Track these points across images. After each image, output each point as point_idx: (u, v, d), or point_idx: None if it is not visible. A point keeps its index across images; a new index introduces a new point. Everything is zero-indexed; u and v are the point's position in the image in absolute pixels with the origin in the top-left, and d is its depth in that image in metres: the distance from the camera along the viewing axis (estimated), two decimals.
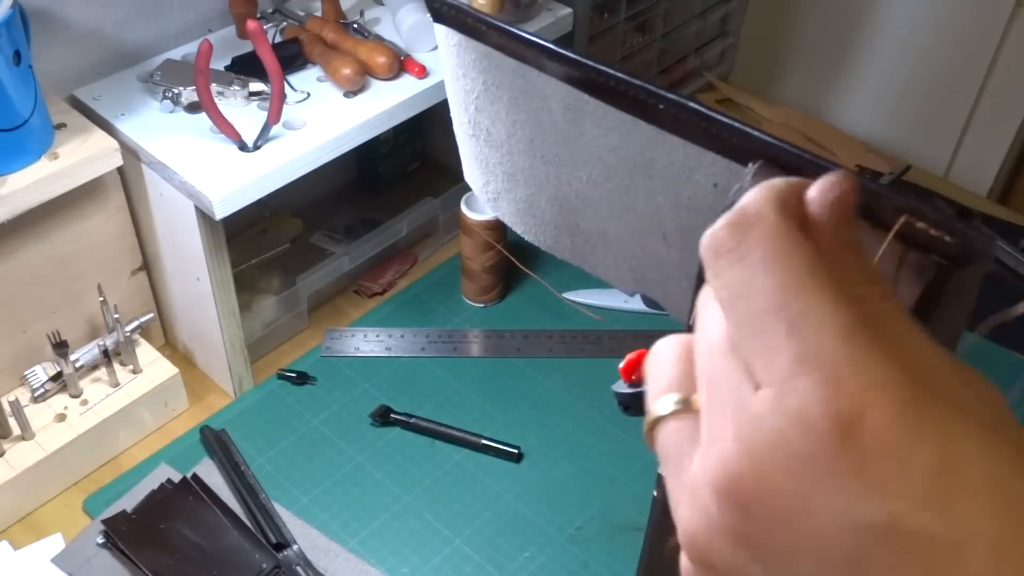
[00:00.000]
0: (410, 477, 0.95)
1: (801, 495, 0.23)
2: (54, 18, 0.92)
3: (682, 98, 0.39)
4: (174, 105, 0.94)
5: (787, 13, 1.44)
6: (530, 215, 0.51)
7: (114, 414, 0.94)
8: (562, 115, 0.44)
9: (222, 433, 0.97)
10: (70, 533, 0.88)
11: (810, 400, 0.23)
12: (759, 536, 0.24)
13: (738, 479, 0.24)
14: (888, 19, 1.33)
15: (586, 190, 0.46)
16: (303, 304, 1.09)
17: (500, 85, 0.46)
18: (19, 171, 0.84)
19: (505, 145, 0.49)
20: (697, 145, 0.39)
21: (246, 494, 0.91)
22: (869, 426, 0.23)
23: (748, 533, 0.25)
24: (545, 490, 0.94)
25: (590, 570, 0.87)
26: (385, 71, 0.98)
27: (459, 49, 0.47)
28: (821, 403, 0.23)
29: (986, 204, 1.31)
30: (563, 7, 1.12)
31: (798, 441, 0.23)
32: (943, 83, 1.31)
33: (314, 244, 1.16)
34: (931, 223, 0.31)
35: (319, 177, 0.95)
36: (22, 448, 0.90)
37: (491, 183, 0.52)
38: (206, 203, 0.85)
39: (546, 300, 1.13)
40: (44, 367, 0.95)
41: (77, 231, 0.93)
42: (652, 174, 0.42)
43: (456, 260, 1.14)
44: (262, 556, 0.85)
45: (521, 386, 1.04)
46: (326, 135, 0.92)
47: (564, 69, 0.42)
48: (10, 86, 0.80)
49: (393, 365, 1.06)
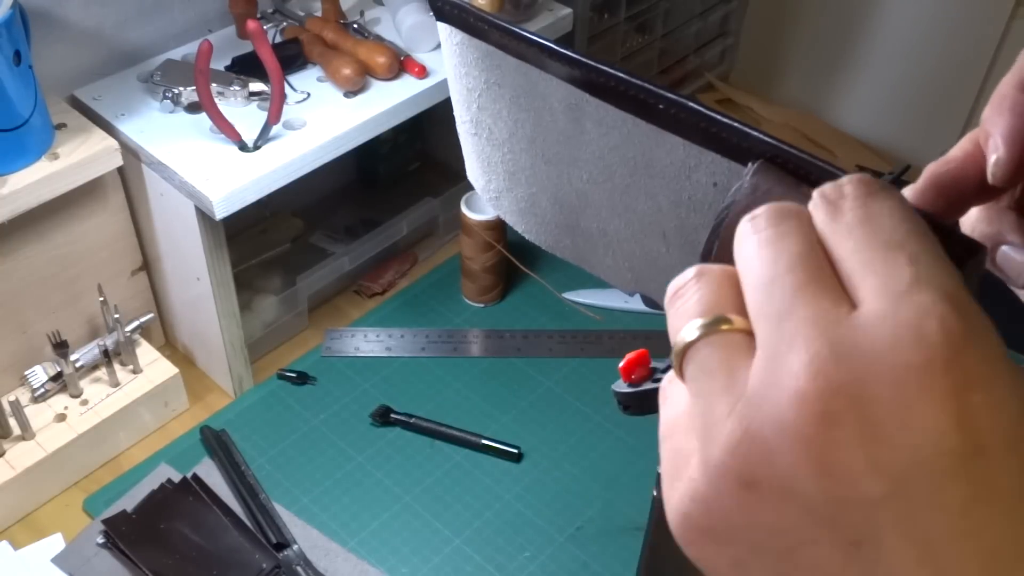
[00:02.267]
0: (410, 477, 0.95)
1: (899, 405, 0.23)
2: (54, 18, 0.92)
3: (682, 98, 0.39)
4: (174, 105, 0.94)
5: (787, 13, 1.44)
6: (531, 214, 0.51)
7: (114, 414, 0.94)
8: (563, 114, 0.44)
9: (222, 433, 0.97)
10: (70, 533, 0.88)
11: (928, 312, 0.23)
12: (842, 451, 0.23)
13: (834, 383, 0.23)
14: (888, 19, 1.33)
15: (587, 189, 0.46)
16: (303, 304, 1.09)
17: (502, 84, 0.46)
18: (19, 171, 0.84)
19: (507, 144, 0.49)
20: (697, 145, 0.39)
21: (246, 494, 0.91)
22: (976, 356, 0.23)
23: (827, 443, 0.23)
24: (545, 490, 0.94)
25: (590, 570, 0.87)
26: (385, 71, 0.98)
27: (461, 48, 0.47)
28: (938, 317, 0.23)
29: None
30: (563, 7, 1.12)
31: (909, 349, 0.23)
32: (943, 83, 1.31)
33: (314, 244, 1.16)
34: (929, 222, 0.31)
35: (319, 177, 0.95)
36: (22, 448, 0.90)
37: (493, 182, 0.52)
38: (206, 203, 0.85)
39: (546, 300, 1.13)
40: (44, 367, 0.95)
41: (77, 231, 0.93)
42: (652, 173, 0.42)
43: (456, 260, 1.14)
44: (262, 556, 0.85)
45: (521, 386, 1.04)
46: (326, 135, 0.92)
47: (565, 68, 0.42)
48: (10, 86, 0.80)
49: (393, 365, 1.06)
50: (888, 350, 0.23)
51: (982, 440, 0.23)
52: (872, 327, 0.24)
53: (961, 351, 0.23)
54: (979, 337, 0.23)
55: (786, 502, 0.24)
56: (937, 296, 0.23)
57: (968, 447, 0.23)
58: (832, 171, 0.34)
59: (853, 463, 0.23)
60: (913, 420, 0.23)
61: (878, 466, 0.23)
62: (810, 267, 0.25)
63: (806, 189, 0.35)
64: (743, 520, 0.25)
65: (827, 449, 0.23)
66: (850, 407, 0.23)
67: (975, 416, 0.23)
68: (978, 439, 0.23)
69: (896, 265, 0.24)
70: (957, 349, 0.23)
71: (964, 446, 0.23)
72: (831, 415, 0.23)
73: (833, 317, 0.24)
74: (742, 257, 0.27)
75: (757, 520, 0.25)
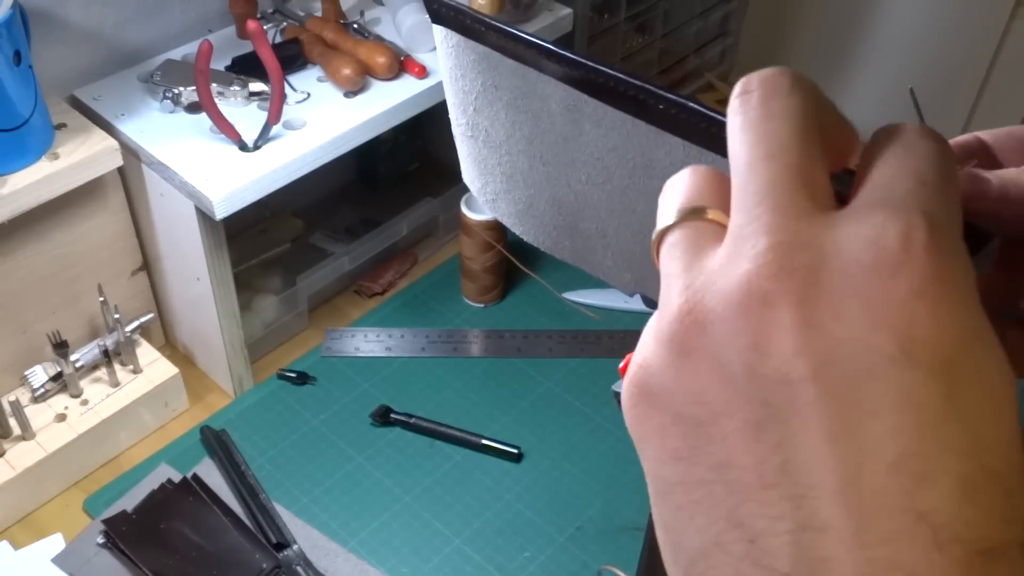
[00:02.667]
0: (410, 477, 0.95)
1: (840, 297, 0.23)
2: (54, 18, 0.92)
3: (682, 98, 0.39)
4: (174, 105, 0.94)
5: (787, 13, 1.44)
6: (529, 216, 0.51)
7: (114, 414, 0.94)
8: (561, 116, 0.44)
9: (222, 433, 0.97)
10: (70, 533, 0.88)
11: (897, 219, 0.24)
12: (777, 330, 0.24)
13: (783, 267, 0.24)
14: (888, 19, 1.33)
15: (585, 191, 0.46)
16: (303, 304, 1.09)
17: (499, 86, 0.46)
18: (19, 171, 0.84)
19: (504, 146, 0.49)
20: (697, 145, 0.39)
21: (246, 494, 0.91)
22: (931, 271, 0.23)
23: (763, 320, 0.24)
24: (545, 490, 0.94)
25: (590, 570, 0.87)
26: (385, 71, 0.98)
27: (458, 50, 0.47)
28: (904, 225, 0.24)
29: None
30: (563, 7, 1.12)
31: (865, 247, 0.23)
32: (943, 83, 1.31)
33: (314, 244, 1.16)
34: None
35: (319, 177, 0.95)
36: (22, 448, 0.90)
37: (490, 184, 0.52)
38: (206, 203, 0.85)
39: (546, 300, 1.13)
40: (44, 367, 0.95)
41: (77, 231, 0.93)
42: (652, 174, 0.42)
43: (456, 260, 1.14)
44: (262, 556, 0.85)
45: (521, 386, 1.04)
46: (326, 135, 0.92)
47: (563, 69, 0.42)
48: (10, 86, 0.80)
49: (393, 365, 1.06)
50: (844, 246, 0.24)
51: (914, 350, 0.23)
52: (839, 224, 0.24)
53: (917, 261, 0.23)
54: (943, 257, 0.23)
55: (713, 372, 0.25)
56: (916, 209, 0.24)
57: (896, 352, 0.23)
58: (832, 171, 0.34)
59: (782, 343, 0.23)
60: (848, 314, 0.23)
61: (803, 350, 0.23)
62: (792, 156, 0.26)
63: None
64: (673, 384, 0.26)
65: (761, 325, 0.24)
66: (792, 291, 0.23)
67: (913, 325, 0.23)
68: (910, 348, 0.23)
69: (900, 179, 0.25)
70: (914, 258, 0.23)
71: (892, 350, 0.23)
72: (773, 295, 0.24)
73: (804, 209, 0.25)
74: (729, 137, 0.27)
75: (684, 386, 0.25)
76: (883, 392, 0.23)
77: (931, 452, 0.23)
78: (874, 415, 0.23)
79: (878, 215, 0.24)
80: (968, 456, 0.23)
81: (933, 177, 0.25)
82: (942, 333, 0.23)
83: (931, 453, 0.23)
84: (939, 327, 0.23)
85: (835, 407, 0.23)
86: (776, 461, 0.24)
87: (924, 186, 0.25)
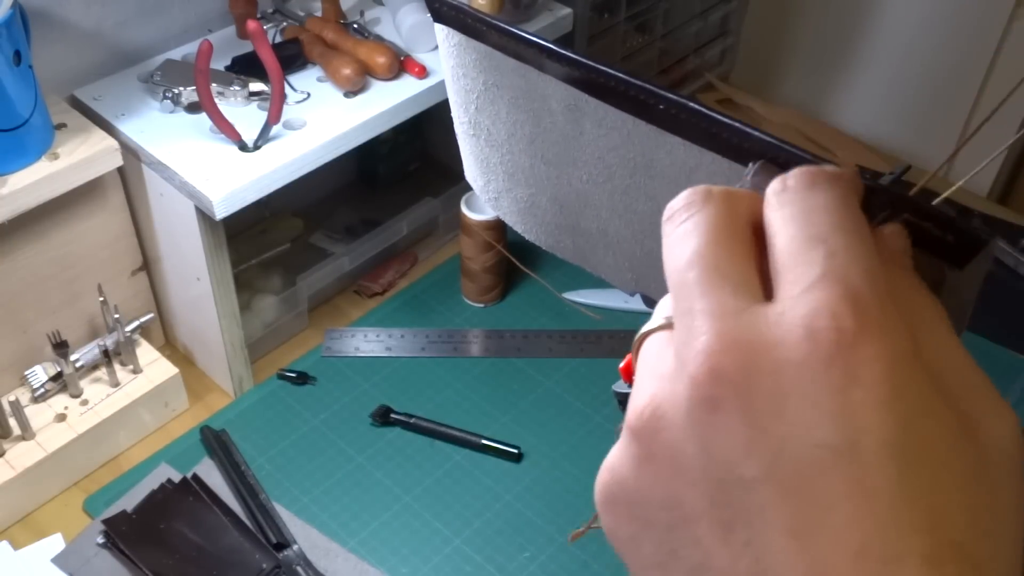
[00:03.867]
0: (410, 477, 0.95)
1: (778, 396, 0.23)
2: (54, 18, 0.92)
3: (682, 98, 0.39)
4: (174, 105, 0.94)
5: (787, 13, 1.44)
6: (531, 215, 0.51)
7: (114, 414, 0.94)
8: (562, 115, 0.44)
9: (222, 433, 0.97)
10: (70, 533, 0.88)
11: (822, 308, 0.24)
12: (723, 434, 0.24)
13: (721, 371, 0.24)
14: (888, 19, 1.33)
15: (587, 190, 0.46)
16: (303, 304, 1.09)
17: (500, 85, 0.46)
18: (19, 171, 0.84)
19: (506, 145, 0.49)
20: (697, 145, 0.39)
21: (246, 494, 0.91)
22: (864, 355, 0.23)
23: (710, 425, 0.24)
24: (545, 490, 0.94)
25: (590, 570, 0.87)
26: (385, 71, 0.98)
27: (459, 49, 0.47)
28: (830, 314, 0.23)
29: (986, 204, 1.31)
30: (563, 7, 1.12)
31: (796, 344, 0.23)
32: (943, 83, 1.31)
33: (314, 244, 1.16)
34: (932, 222, 0.31)
35: (319, 177, 0.95)
36: (22, 448, 0.90)
37: (492, 183, 0.52)
38: (206, 203, 0.85)
39: (546, 300, 1.13)
40: (44, 367, 0.95)
41: (77, 231, 0.93)
42: (652, 174, 0.42)
43: (456, 260, 1.14)
44: (262, 556, 0.85)
45: (521, 386, 1.04)
46: (326, 135, 0.92)
47: (564, 69, 0.42)
48: (10, 86, 0.80)
49: (393, 365, 1.06)
50: (776, 342, 0.24)
51: (858, 439, 0.23)
52: (768, 319, 0.24)
53: (849, 348, 0.23)
54: (874, 336, 0.23)
55: (675, 478, 0.25)
56: (838, 292, 0.24)
57: (842, 443, 0.23)
58: None
59: (732, 447, 0.24)
60: (789, 411, 0.23)
61: (752, 452, 0.23)
62: (712, 259, 0.26)
63: None
64: (640, 490, 0.26)
65: (710, 431, 0.24)
66: (734, 394, 0.24)
67: (854, 414, 0.23)
68: (854, 437, 0.23)
69: (810, 260, 0.25)
70: (845, 346, 0.23)
71: (838, 441, 0.23)
72: (715, 400, 0.24)
73: (731, 308, 0.25)
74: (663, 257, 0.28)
75: (651, 492, 0.26)
76: (835, 484, 0.23)
77: (892, 536, 0.22)
78: (831, 508, 0.23)
79: (801, 307, 0.24)
80: (930, 533, 0.23)
81: (838, 241, 0.25)
82: (884, 416, 0.23)
83: (893, 537, 0.22)
84: (880, 410, 0.23)
85: (793, 504, 0.23)
86: (748, 561, 0.24)
87: (834, 257, 0.25)
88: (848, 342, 0.23)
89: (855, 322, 0.23)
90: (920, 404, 0.23)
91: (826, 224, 0.25)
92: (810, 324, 0.24)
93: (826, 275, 0.24)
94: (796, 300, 0.24)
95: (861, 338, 0.23)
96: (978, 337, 1.07)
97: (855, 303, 0.24)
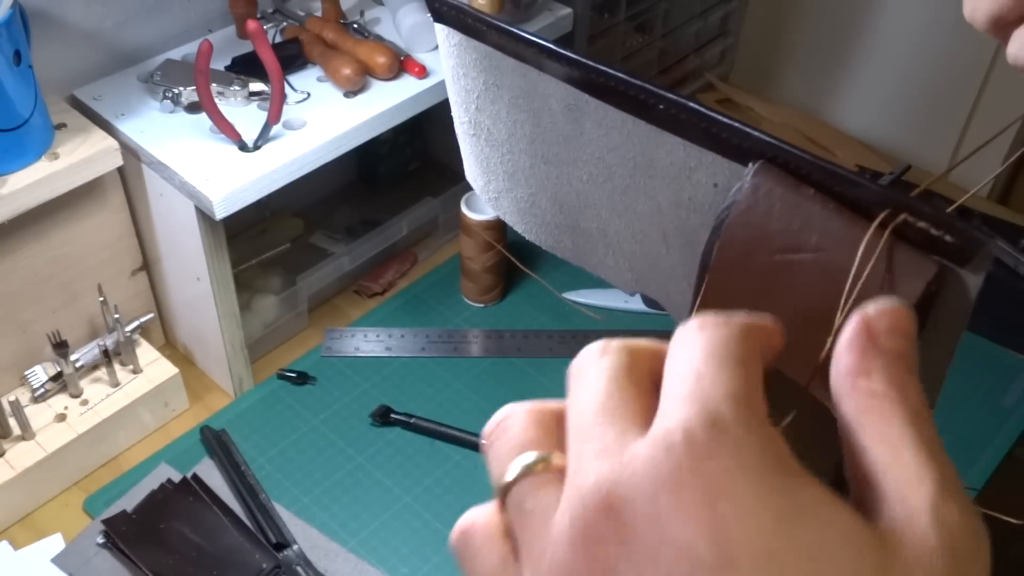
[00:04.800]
0: (410, 477, 0.95)
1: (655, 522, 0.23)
2: (54, 18, 0.92)
3: (682, 98, 0.39)
4: (174, 105, 0.94)
5: (787, 13, 1.44)
6: (531, 214, 0.51)
7: (114, 414, 0.94)
8: (563, 115, 0.44)
9: (222, 433, 0.97)
10: (70, 533, 0.88)
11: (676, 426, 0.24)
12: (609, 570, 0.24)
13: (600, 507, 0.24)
14: (888, 19, 1.33)
15: (587, 190, 0.46)
16: (303, 304, 1.09)
17: (501, 85, 0.46)
18: (19, 171, 0.84)
19: (506, 144, 0.49)
20: (697, 145, 0.39)
21: (246, 494, 0.91)
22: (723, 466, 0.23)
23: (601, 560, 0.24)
24: None
25: None
26: (385, 71, 0.98)
27: (460, 49, 0.47)
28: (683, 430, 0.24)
29: (986, 204, 1.31)
30: (563, 7, 1.12)
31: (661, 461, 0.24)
32: (943, 83, 1.31)
33: (314, 244, 1.16)
34: (931, 222, 0.31)
35: (319, 177, 0.95)
36: (22, 448, 0.90)
37: (492, 182, 0.52)
38: (206, 203, 0.85)
39: (546, 300, 1.13)
40: (44, 367, 0.95)
41: (77, 231, 0.93)
42: (652, 174, 0.42)
43: (456, 260, 1.14)
44: (262, 556, 0.85)
45: (521, 386, 1.04)
46: (326, 135, 0.92)
47: (564, 69, 0.42)
48: (10, 86, 0.80)
49: (393, 365, 1.06)
50: (645, 468, 0.24)
51: (732, 551, 0.22)
52: (639, 448, 0.24)
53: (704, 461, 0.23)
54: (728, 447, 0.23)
55: None
56: (694, 410, 0.24)
57: (718, 559, 0.22)
58: (832, 171, 0.34)
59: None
60: (667, 534, 0.23)
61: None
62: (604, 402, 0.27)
63: (806, 189, 0.35)
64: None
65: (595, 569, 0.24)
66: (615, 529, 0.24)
67: (724, 527, 0.23)
68: (728, 550, 0.22)
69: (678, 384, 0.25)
70: (700, 459, 0.23)
71: (714, 558, 0.22)
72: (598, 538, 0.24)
73: (616, 446, 0.25)
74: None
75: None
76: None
77: None
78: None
79: (662, 425, 0.24)
80: None
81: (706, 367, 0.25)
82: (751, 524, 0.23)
83: None
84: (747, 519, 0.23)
85: None
86: None
87: (699, 380, 0.25)
88: (702, 455, 0.23)
89: (707, 434, 0.23)
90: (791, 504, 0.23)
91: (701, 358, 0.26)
92: (668, 439, 0.24)
93: (688, 396, 0.25)
94: (658, 423, 0.25)
95: (718, 450, 0.23)
96: (978, 337, 1.07)
97: (708, 417, 0.24)
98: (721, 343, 0.26)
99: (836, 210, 0.34)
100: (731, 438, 0.23)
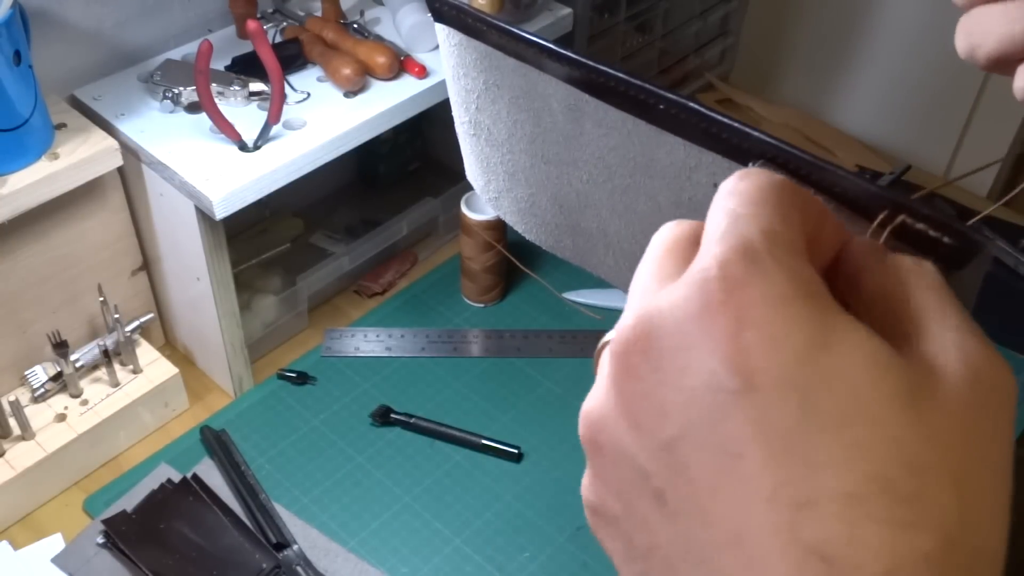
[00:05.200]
0: (410, 477, 0.95)
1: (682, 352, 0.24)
2: (54, 18, 0.92)
3: (682, 98, 0.39)
4: (174, 105, 0.94)
5: (787, 13, 1.44)
6: (531, 214, 0.51)
7: (114, 414, 0.94)
8: (563, 115, 0.44)
9: (222, 433, 0.97)
10: (70, 533, 0.88)
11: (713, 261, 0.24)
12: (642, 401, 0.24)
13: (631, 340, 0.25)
14: (888, 19, 1.33)
15: (587, 189, 0.46)
16: (303, 304, 1.09)
17: (501, 84, 0.46)
18: (19, 171, 0.84)
19: (506, 144, 0.49)
20: (697, 145, 0.39)
21: (246, 494, 0.91)
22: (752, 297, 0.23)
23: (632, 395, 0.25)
24: (545, 490, 0.94)
25: (590, 570, 0.87)
26: (385, 71, 0.98)
27: (460, 49, 0.47)
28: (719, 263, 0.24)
29: (986, 204, 1.31)
30: (563, 7, 1.12)
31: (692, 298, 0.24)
32: (943, 83, 1.31)
33: (314, 244, 1.16)
34: (929, 223, 0.31)
35: (319, 177, 0.95)
36: (22, 448, 0.90)
37: (492, 182, 0.52)
38: (206, 203, 0.85)
39: (546, 300, 1.13)
40: (44, 367, 0.95)
41: (77, 231, 0.93)
42: (652, 174, 0.42)
43: (456, 260, 1.14)
44: (262, 556, 0.85)
45: (521, 386, 1.04)
46: (326, 135, 0.92)
47: (564, 69, 0.42)
48: (10, 86, 0.80)
49: (393, 365, 1.06)
50: (677, 303, 0.24)
51: (754, 378, 0.22)
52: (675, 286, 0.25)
53: (736, 292, 0.23)
54: (760, 278, 0.23)
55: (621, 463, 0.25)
56: (730, 245, 0.24)
57: (740, 385, 0.22)
58: (832, 171, 0.34)
59: (650, 410, 0.24)
60: (690, 362, 0.23)
61: (669, 411, 0.24)
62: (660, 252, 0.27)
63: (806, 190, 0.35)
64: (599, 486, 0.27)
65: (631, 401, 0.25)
66: (644, 359, 0.24)
67: (748, 354, 0.23)
68: (750, 377, 0.22)
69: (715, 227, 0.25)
70: (731, 290, 0.23)
71: (735, 384, 0.23)
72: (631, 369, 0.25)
73: (654, 286, 0.26)
74: None
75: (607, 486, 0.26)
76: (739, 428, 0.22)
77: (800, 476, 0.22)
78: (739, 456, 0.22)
79: (699, 263, 0.24)
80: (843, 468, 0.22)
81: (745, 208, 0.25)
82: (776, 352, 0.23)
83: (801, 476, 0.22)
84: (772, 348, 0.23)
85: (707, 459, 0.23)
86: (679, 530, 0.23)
87: (736, 220, 0.25)
88: (734, 286, 0.23)
89: (743, 269, 0.23)
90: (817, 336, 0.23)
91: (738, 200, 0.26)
92: (703, 276, 0.24)
93: (724, 234, 0.25)
94: (697, 259, 0.25)
95: (749, 281, 0.23)
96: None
97: (745, 252, 0.24)
98: (758, 189, 0.26)
99: (835, 210, 0.34)
100: (763, 268, 0.24)
